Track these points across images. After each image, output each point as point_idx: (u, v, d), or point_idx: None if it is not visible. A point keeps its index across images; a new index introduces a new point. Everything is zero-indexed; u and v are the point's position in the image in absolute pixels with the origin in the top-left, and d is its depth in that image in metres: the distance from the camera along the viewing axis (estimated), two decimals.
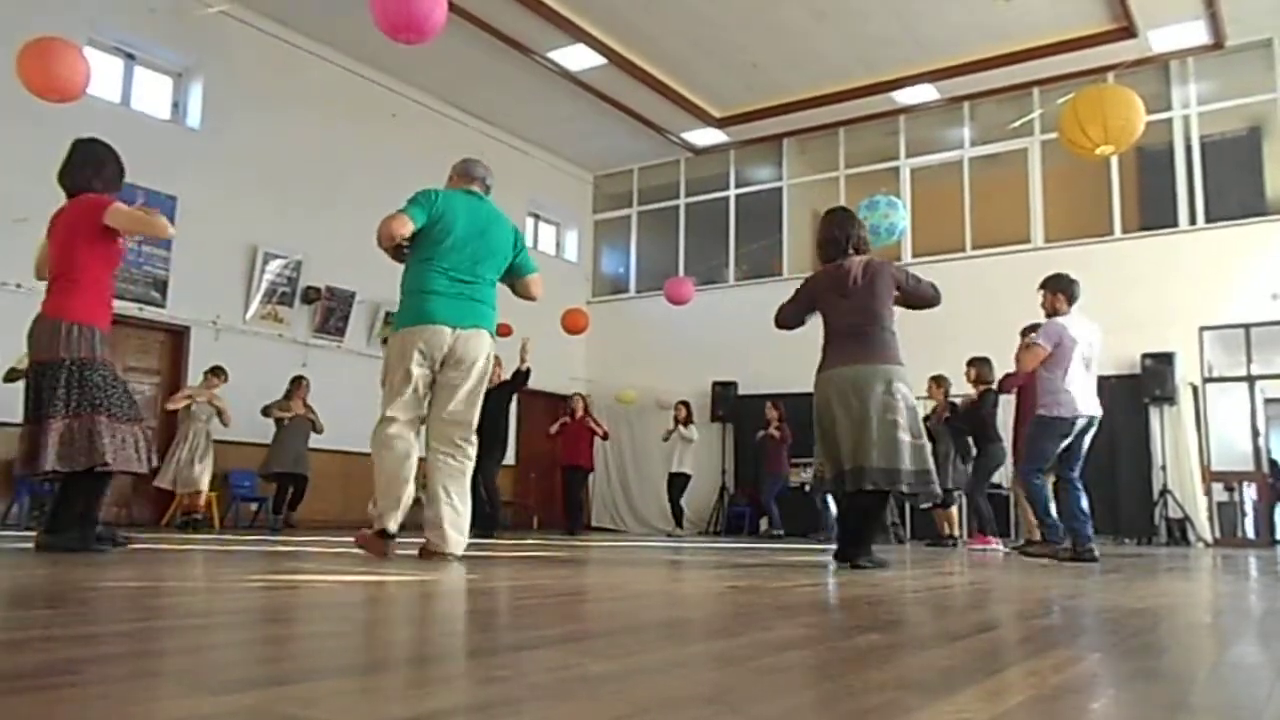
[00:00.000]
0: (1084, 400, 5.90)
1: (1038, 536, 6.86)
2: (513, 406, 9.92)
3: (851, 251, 4.60)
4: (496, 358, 9.57)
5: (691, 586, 3.26)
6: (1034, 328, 6.34)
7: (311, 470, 9.73)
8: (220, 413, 9.13)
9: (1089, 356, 5.95)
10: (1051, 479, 6.21)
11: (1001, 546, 7.90)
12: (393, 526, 4.25)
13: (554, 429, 11.92)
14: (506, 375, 9.17)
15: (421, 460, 4.42)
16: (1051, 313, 6.04)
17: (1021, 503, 7.99)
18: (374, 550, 4.25)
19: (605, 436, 11.85)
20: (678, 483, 12.32)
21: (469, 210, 4.45)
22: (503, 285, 4.68)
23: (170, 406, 9.34)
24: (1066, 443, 5.89)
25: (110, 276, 4.31)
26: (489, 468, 9.04)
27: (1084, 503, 5.79)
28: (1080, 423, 5.90)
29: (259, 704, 1.03)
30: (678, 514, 12.39)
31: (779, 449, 11.65)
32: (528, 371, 9.17)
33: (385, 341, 4.53)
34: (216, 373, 9.20)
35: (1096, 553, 5.71)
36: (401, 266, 4.49)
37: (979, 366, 8.56)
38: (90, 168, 4.26)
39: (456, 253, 4.35)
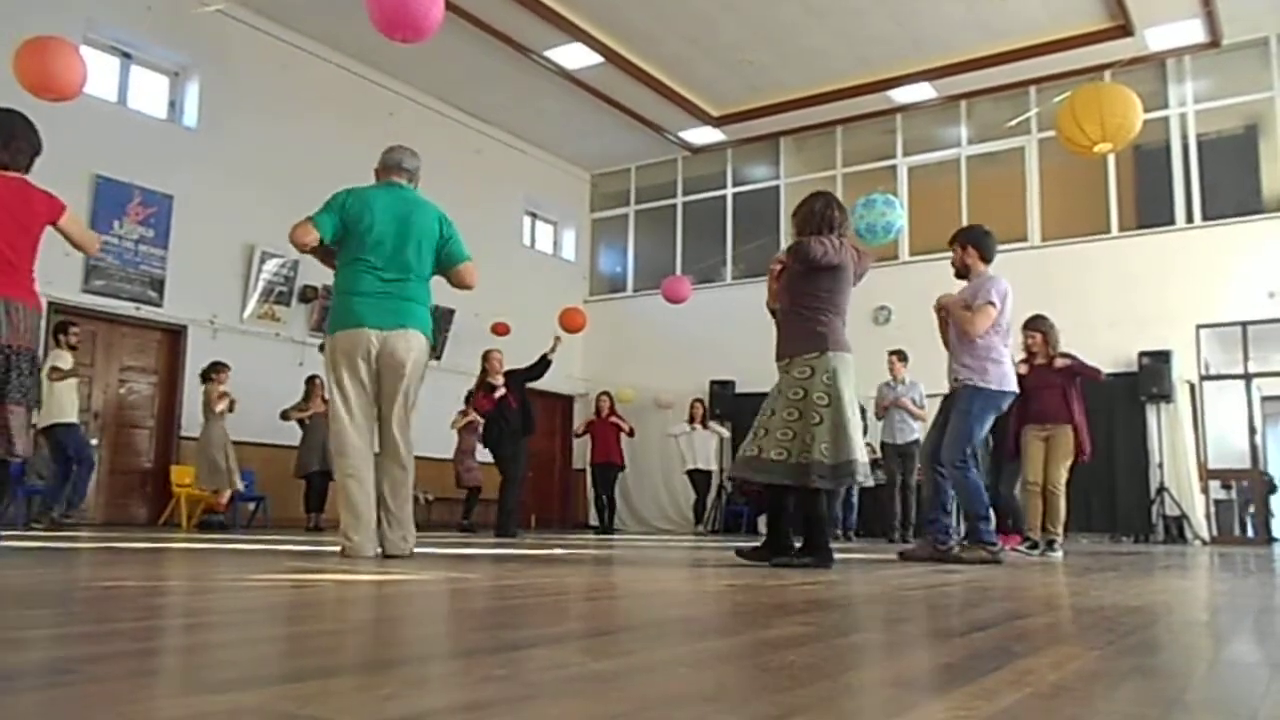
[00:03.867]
0: (1012, 375, 5.18)
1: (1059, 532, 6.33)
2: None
3: (836, 236, 4.32)
4: (497, 353, 9.43)
5: (689, 585, 3.26)
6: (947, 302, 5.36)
7: None
8: (232, 403, 9.16)
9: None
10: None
11: (1021, 546, 6.67)
12: (357, 540, 4.10)
13: (580, 429, 12.02)
14: (509, 365, 9.12)
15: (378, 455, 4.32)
16: (962, 270, 5.31)
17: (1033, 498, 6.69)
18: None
19: (631, 433, 11.81)
20: (701, 480, 12.27)
21: (387, 203, 4.33)
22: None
23: (219, 409, 9.05)
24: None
25: None
26: (523, 461, 8.61)
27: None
28: (1008, 402, 5.17)
29: (257, 703, 1.03)
30: (699, 512, 12.36)
31: None
32: (548, 363, 8.85)
33: (321, 348, 4.42)
34: (221, 368, 9.18)
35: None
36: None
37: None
38: None
39: (380, 249, 4.25)
